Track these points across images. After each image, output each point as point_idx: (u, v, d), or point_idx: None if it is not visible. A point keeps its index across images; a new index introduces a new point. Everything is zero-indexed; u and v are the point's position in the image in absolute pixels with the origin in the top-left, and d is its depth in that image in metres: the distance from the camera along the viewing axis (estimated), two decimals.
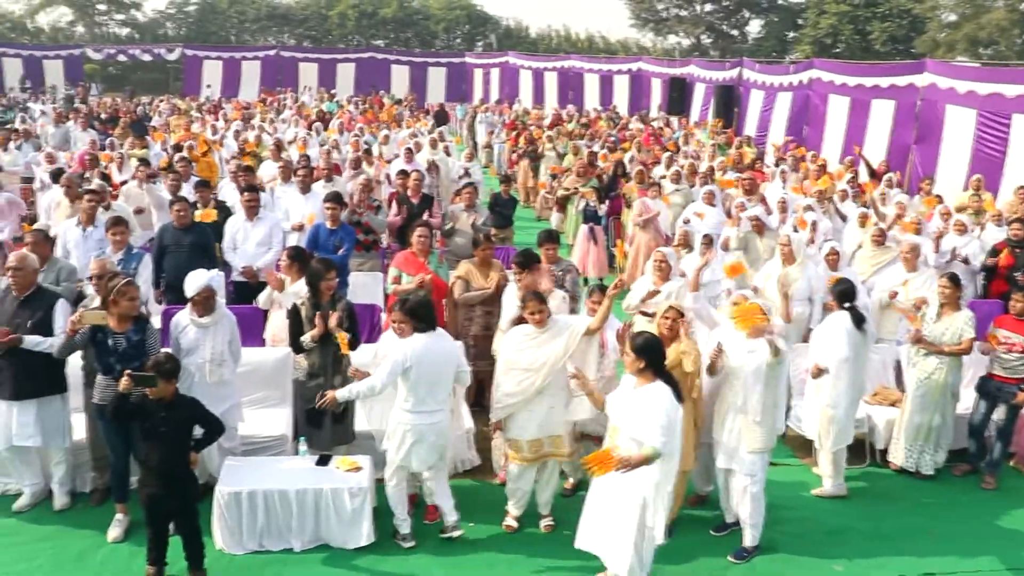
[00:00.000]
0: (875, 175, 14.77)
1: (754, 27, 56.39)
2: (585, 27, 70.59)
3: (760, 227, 10.47)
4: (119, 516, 6.35)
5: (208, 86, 41.12)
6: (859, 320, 7.05)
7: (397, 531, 6.30)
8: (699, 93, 30.60)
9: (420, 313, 6.04)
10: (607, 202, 13.34)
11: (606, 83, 37.21)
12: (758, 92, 26.47)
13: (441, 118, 27.87)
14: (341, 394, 5.99)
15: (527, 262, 7.15)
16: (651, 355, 5.37)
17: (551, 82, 39.69)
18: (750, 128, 25.79)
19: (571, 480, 7.02)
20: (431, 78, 43.90)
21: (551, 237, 8.13)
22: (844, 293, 7.16)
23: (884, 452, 7.81)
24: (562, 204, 14.38)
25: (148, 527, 5.72)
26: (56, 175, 12.15)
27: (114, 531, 6.29)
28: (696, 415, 6.30)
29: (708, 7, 55.68)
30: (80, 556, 6.08)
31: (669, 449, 5.18)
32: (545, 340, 6.20)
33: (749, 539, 6.30)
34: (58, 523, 6.51)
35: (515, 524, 6.54)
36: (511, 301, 7.16)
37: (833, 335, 7.06)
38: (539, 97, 39.03)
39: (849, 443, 7.22)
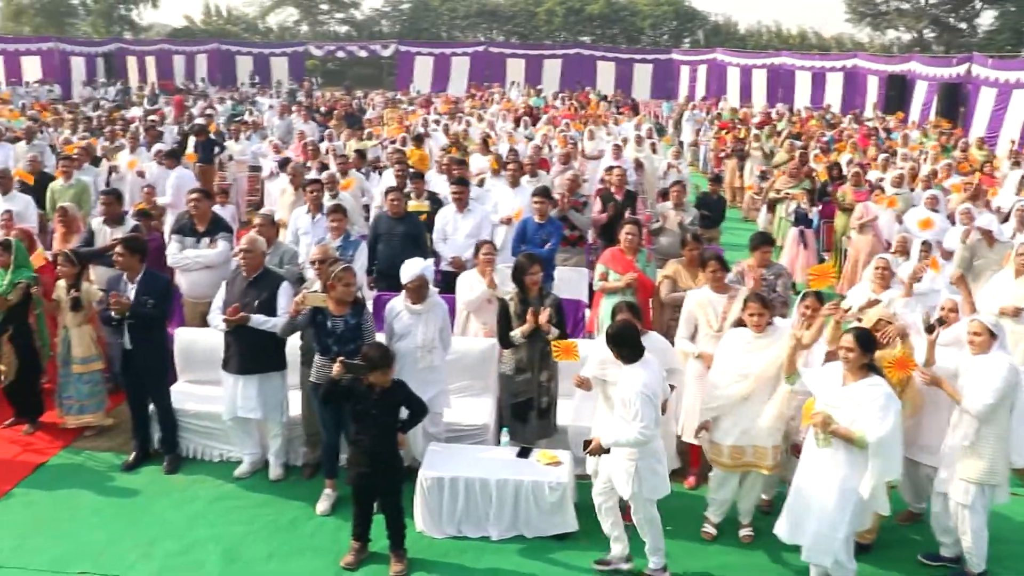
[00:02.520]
0: None
1: (986, 19, 52.18)
2: (797, 23, 68.22)
3: (989, 237, 9.71)
4: (328, 491, 6.64)
5: (411, 82, 42.53)
6: None
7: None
8: (920, 91, 28.86)
9: (624, 342, 5.57)
10: (819, 205, 12.82)
11: (818, 81, 35.70)
12: (989, 90, 24.68)
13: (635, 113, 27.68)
14: (607, 441, 5.51)
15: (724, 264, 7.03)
16: (873, 349, 5.30)
17: (759, 80, 38.48)
18: (978, 129, 24.06)
19: (765, 497, 6.67)
20: (637, 75, 43.54)
21: (765, 240, 7.87)
22: None
23: None
24: (772, 205, 13.91)
25: (355, 504, 5.93)
26: (283, 164, 12.86)
27: (322, 504, 6.58)
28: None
29: None
30: (292, 524, 6.41)
31: (889, 443, 5.09)
32: (762, 346, 6.00)
33: (973, 565, 5.85)
34: (272, 492, 6.88)
35: (713, 532, 6.36)
36: (693, 307, 6.97)
37: None
38: (746, 95, 37.91)
39: None
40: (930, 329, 5.94)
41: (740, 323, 6.24)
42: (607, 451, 5.63)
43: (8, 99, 27.96)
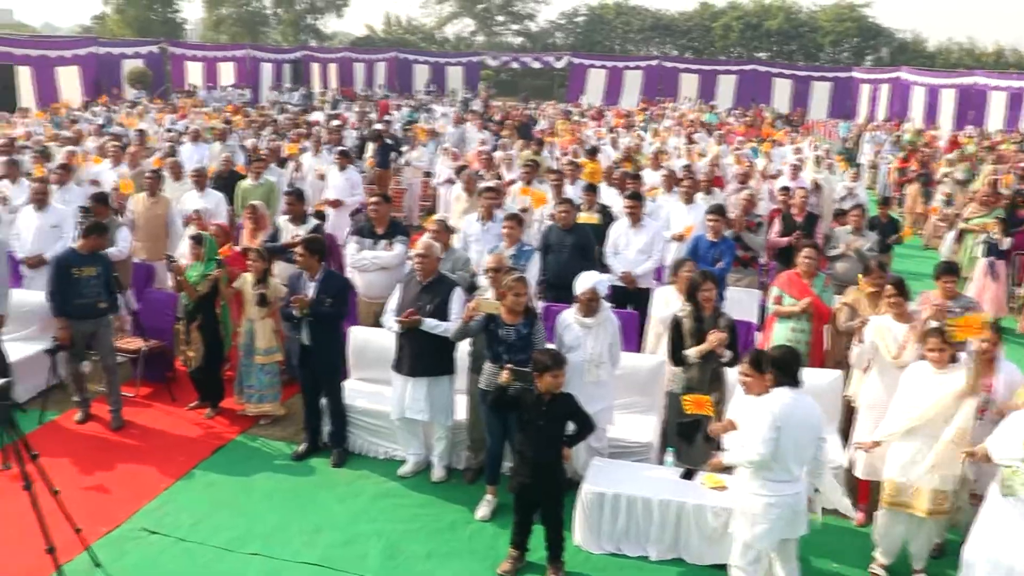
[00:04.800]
0: None
1: None
2: (995, 39, 64.39)
3: None
4: (488, 497, 6.68)
5: (583, 94, 42.70)
6: None
7: None
8: None
9: (785, 365, 5.24)
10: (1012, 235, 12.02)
11: (1015, 102, 33.67)
12: None
13: None
14: (727, 458, 5.38)
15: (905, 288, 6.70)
16: None
17: (947, 100, 36.63)
18: None
19: (937, 540, 6.22)
20: (814, 93, 42.31)
21: (949, 269, 7.43)
22: None
23: None
24: (961, 235, 13.16)
25: (515, 513, 5.94)
26: (459, 171, 13.11)
27: (482, 510, 6.62)
28: None
29: None
30: (451, 527, 6.48)
31: None
32: (938, 383, 5.68)
33: None
34: (433, 494, 6.99)
35: (882, 573, 6.02)
36: (873, 333, 6.63)
37: None
38: (931, 116, 36.15)
39: None
40: None
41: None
42: (727, 470, 5.54)
43: (203, 104, 29.82)
